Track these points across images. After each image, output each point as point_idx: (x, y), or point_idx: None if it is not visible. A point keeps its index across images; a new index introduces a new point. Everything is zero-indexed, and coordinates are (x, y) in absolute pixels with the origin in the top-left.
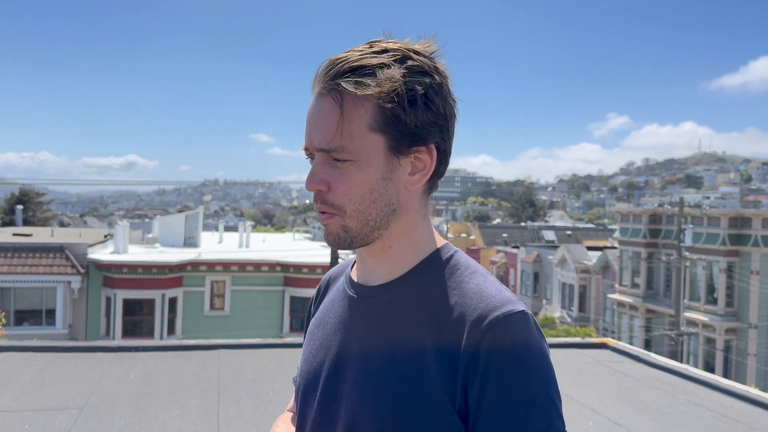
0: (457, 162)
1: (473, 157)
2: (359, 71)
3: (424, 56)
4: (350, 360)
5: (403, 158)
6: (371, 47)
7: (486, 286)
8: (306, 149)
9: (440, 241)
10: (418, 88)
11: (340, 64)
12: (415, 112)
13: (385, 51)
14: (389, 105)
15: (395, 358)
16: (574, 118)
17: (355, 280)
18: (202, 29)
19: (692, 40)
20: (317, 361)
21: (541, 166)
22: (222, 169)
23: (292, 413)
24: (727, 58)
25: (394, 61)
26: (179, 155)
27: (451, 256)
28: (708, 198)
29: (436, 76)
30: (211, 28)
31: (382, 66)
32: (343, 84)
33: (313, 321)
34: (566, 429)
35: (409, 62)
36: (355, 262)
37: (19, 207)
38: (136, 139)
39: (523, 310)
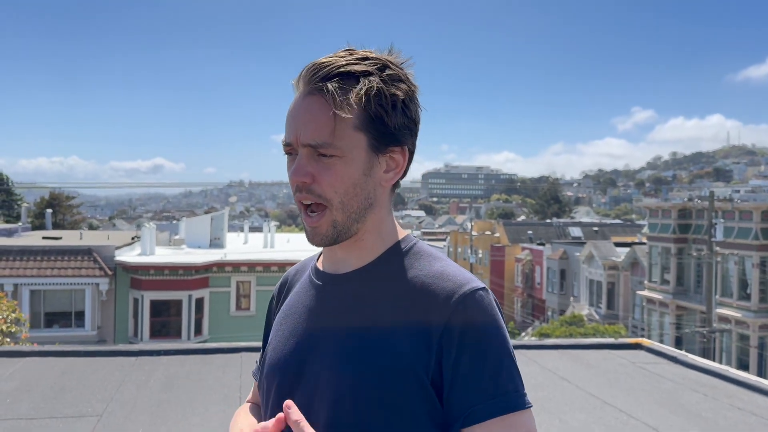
0: (479, 159)
1: (496, 153)
2: (346, 76)
3: (398, 66)
4: (325, 342)
5: (381, 156)
6: (352, 54)
7: (449, 268)
8: (288, 144)
9: (402, 233)
10: (399, 94)
11: (329, 68)
12: (395, 116)
13: (366, 59)
14: (373, 108)
15: (370, 336)
16: (597, 112)
17: (322, 270)
18: (223, 33)
19: (716, 31)
20: (289, 348)
21: (565, 161)
22: (246, 171)
23: (251, 403)
24: (753, 48)
25: (376, 68)
26: (204, 157)
27: (414, 244)
28: (738, 192)
29: (410, 85)
30: (231, 32)
31: (367, 73)
32: (332, 86)
33: (279, 314)
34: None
35: (388, 71)
36: (320, 256)
37: (49, 211)
38: (163, 143)
39: (484, 287)
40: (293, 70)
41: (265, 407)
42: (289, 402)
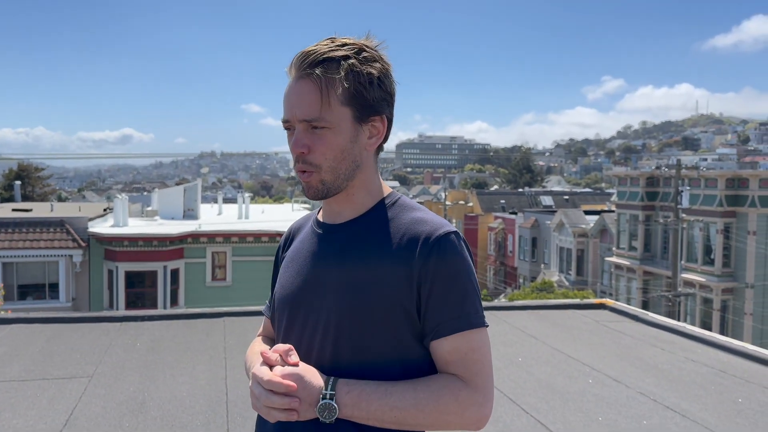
0: (453, 129)
1: (469, 123)
2: (329, 61)
3: (372, 49)
4: (326, 279)
5: (364, 126)
6: (333, 42)
7: (427, 216)
8: (287, 121)
9: (388, 189)
10: (374, 72)
11: (314, 55)
12: (373, 90)
13: (344, 45)
14: (354, 85)
15: (363, 271)
16: (567, 81)
17: (322, 221)
18: (192, 1)
19: (683, 0)
20: (296, 285)
21: (537, 131)
22: (218, 141)
23: (263, 336)
24: (719, 17)
25: (353, 52)
26: (174, 128)
27: (399, 198)
28: (705, 160)
29: (384, 64)
30: (201, 1)
31: (346, 57)
32: (319, 71)
33: (286, 258)
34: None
35: (364, 53)
36: (319, 211)
37: (18, 183)
38: (131, 113)
39: (456, 231)
40: (264, 39)
41: (278, 335)
42: (264, 351)
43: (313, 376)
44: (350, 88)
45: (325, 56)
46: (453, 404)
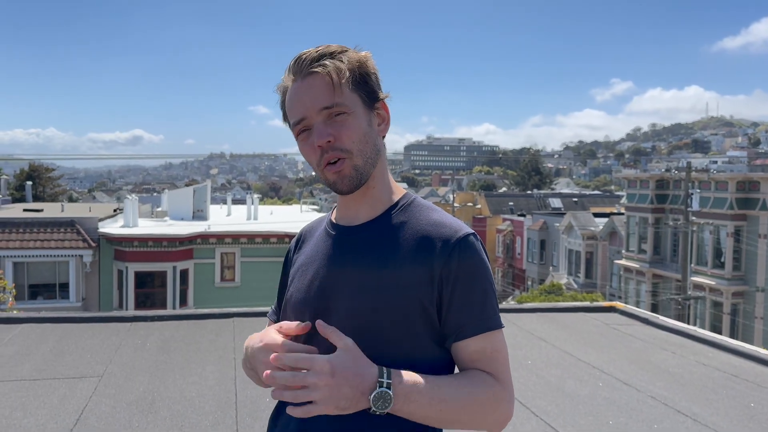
0: (460, 131)
1: (476, 125)
2: (329, 55)
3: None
4: (344, 281)
5: (372, 112)
6: (319, 47)
7: (445, 217)
8: (302, 120)
9: (401, 190)
10: (369, 62)
11: (313, 54)
12: (372, 77)
13: (330, 46)
14: (357, 72)
15: (382, 274)
16: (575, 84)
17: (336, 223)
18: (201, 4)
19: (690, 2)
20: (314, 288)
21: (545, 133)
22: (227, 142)
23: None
24: (727, 20)
25: (343, 49)
26: (184, 129)
27: (414, 198)
28: (715, 162)
29: (370, 59)
30: (210, 3)
31: (342, 51)
32: (325, 62)
33: (299, 262)
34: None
35: (350, 50)
36: (332, 212)
37: (29, 183)
38: (141, 114)
39: (474, 233)
40: (271, 41)
41: (295, 340)
42: (319, 321)
43: (366, 361)
44: (355, 74)
45: (324, 52)
46: (491, 398)
